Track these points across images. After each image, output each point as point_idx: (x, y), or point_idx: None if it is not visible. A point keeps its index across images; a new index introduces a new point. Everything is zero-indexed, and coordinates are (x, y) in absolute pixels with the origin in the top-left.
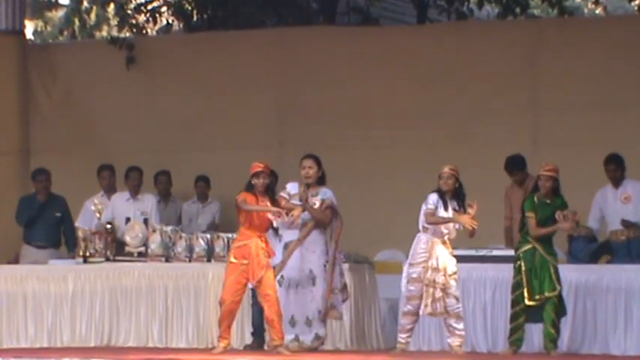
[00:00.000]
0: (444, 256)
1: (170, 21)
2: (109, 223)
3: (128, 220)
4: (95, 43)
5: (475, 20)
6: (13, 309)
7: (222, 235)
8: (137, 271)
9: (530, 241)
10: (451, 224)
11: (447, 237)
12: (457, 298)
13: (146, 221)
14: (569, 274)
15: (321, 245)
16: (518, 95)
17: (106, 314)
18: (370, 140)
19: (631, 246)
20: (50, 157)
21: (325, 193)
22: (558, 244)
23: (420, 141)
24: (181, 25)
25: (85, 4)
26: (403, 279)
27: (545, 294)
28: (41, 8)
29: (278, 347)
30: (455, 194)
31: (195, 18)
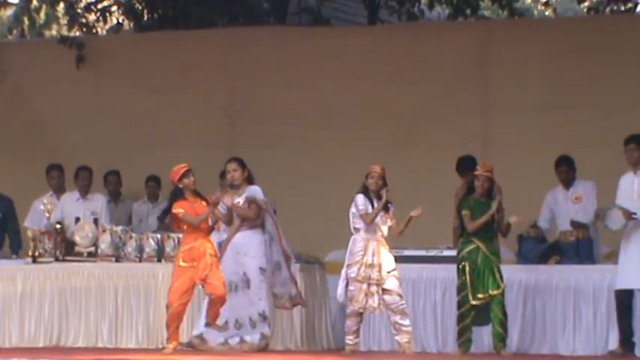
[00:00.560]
0: (380, 253)
1: (120, 20)
2: (59, 223)
3: (78, 220)
4: (45, 42)
5: (426, 21)
6: None
7: (172, 236)
8: (87, 271)
9: (473, 241)
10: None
11: (381, 235)
12: (400, 295)
13: (96, 221)
14: (518, 275)
15: (255, 247)
16: (468, 96)
17: (55, 314)
18: (321, 141)
19: (580, 246)
20: None
21: (249, 191)
22: (508, 245)
23: (371, 141)
24: (132, 25)
25: (35, 3)
26: (341, 282)
27: (489, 292)
28: None
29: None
30: (378, 194)
31: (145, 17)
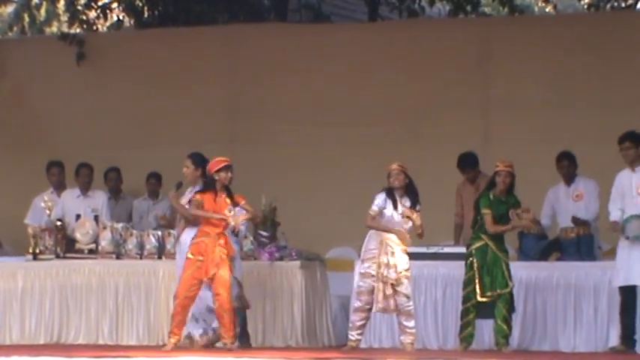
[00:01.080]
0: (396, 253)
1: (121, 17)
2: (59, 220)
3: (78, 217)
4: (45, 39)
5: (426, 18)
6: None
7: (173, 232)
8: (87, 268)
9: (482, 238)
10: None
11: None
12: (408, 297)
13: (96, 218)
14: (519, 271)
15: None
16: (469, 93)
17: (56, 311)
18: (321, 137)
19: (581, 243)
20: None
21: (195, 190)
22: (509, 242)
23: (372, 138)
24: (132, 22)
25: (35, 0)
26: (356, 275)
27: (497, 291)
28: None
29: (226, 344)
30: (406, 191)
31: (146, 14)
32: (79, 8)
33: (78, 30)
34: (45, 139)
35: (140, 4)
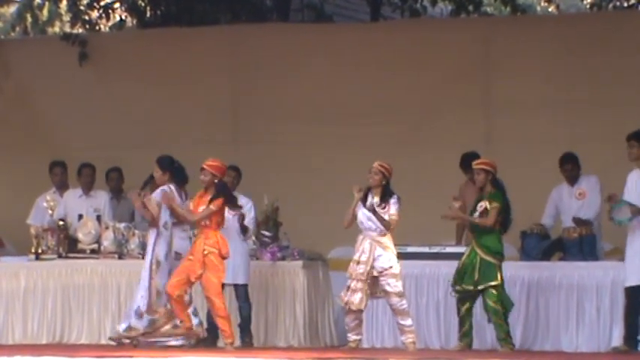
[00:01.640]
0: (373, 251)
1: (123, 17)
2: (62, 220)
3: (81, 217)
4: (48, 39)
5: (428, 18)
6: None
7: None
8: (90, 268)
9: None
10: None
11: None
12: (399, 295)
13: (99, 218)
14: (521, 271)
15: (151, 244)
16: (471, 93)
17: (59, 311)
18: (323, 137)
19: (583, 243)
20: (1, 154)
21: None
22: (511, 241)
23: (374, 138)
24: (135, 22)
25: (38, 0)
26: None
27: (462, 286)
28: None
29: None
30: (382, 191)
31: (148, 14)
32: (82, 8)
33: (80, 30)
34: (47, 139)
35: (142, 4)
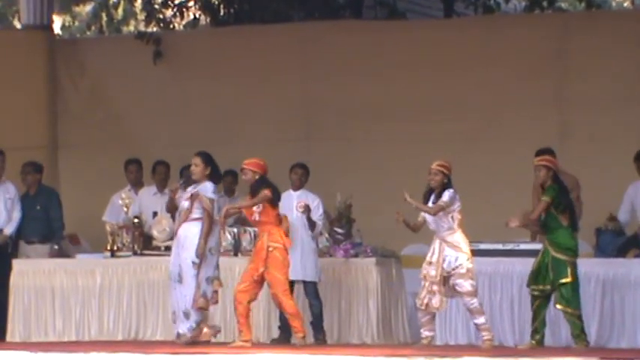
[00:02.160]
0: (443, 251)
1: (197, 15)
2: (137, 218)
3: (155, 215)
4: (122, 38)
5: (502, 14)
6: (42, 303)
7: (249, 230)
8: (164, 265)
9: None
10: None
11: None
12: (469, 295)
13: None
14: (596, 268)
15: (193, 241)
16: (545, 89)
17: (134, 308)
18: (396, 134)
19: None
20: (78, 152)
21: (197, 186)
22: (585, 238)
23: (447, 135)
24: (208, 20)
25: None
26: None
27: (538, 285)
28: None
29: (298, 342)
30: (444, 189)
31: (222, 12)
32: (156, 7)
33: (155, 29)
34: (122, 137)
35: (216, 3)
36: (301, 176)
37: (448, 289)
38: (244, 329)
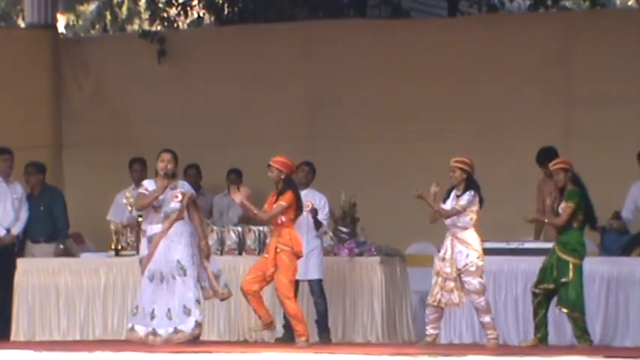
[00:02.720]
0: (454, 247)
1: (201, 14)
2: (141, 217)
3: None
4: (127, 37)
5: (506, 13)
6: (46, 302)
7: (253, 228)
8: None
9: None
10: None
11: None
12: (476, 293)
13: None
14: (600, 267)
15: (187, 236)
16: (550, 88)
17: None
18: (401, 133)
19: None
20: (82, 151)
21: (184, 186)
22: (590, 237)
23: (452, 134)
24: (212, 19)
25: None
26: None
27: (544, 285)
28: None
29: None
30: (465, 187)
31: (226, 11)
32: (160, 6)
33: (159, 27)
34: (127, 136)
35: (220, 2)
36: (307, 174)
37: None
38: (262, 313)
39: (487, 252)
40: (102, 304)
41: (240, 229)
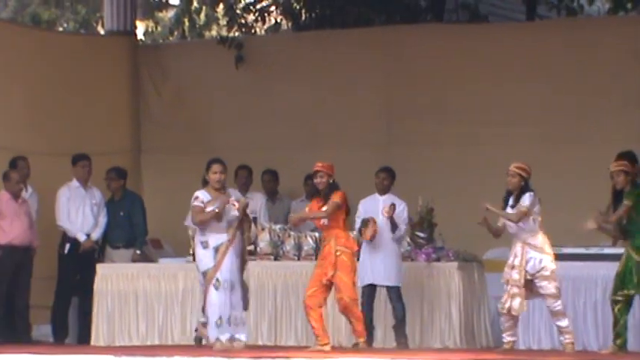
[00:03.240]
0: (524, 255)
1: (279, 20)
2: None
3: None
4: (205, 43)
5: (585, 17)
6: (125, 307)
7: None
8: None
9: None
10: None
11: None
12: (553, 297)
13: (255, 220)
14: None
15: (240, 247)
16: (629, 91)
17: None
18: (479, 137)
19: None
20: (160, 156)
21: (235, 193)
22: None
23: (530, 138)
24: (290, 24)
25: (195, 5)
26: None
27: (624, 291)
28: (152, 9)
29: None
30: (520, 192)
31: (303, 17)
32: (238, 12)
33: (237, 33)
34: (204, 142)
35: (297, 7)
36: (384, 180)
37: (529, 292)
38: (320, 334)
39: (566, 257)
40: (180, 309)
41: (317, 235)
